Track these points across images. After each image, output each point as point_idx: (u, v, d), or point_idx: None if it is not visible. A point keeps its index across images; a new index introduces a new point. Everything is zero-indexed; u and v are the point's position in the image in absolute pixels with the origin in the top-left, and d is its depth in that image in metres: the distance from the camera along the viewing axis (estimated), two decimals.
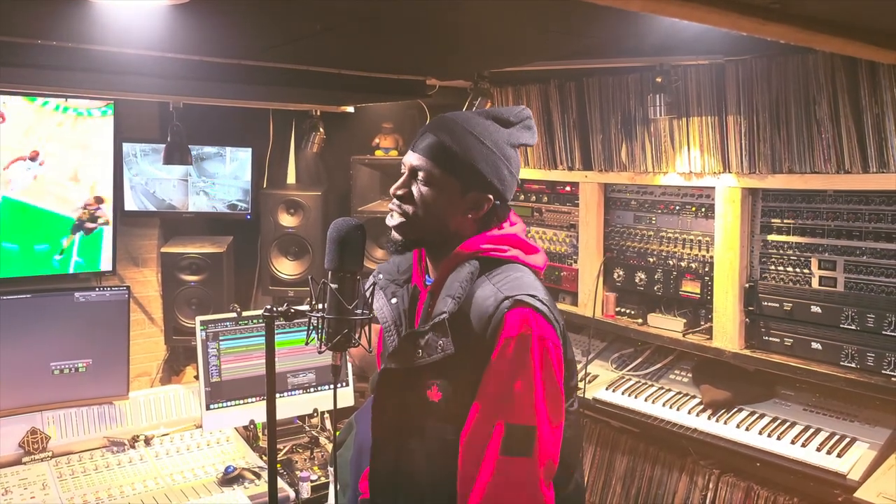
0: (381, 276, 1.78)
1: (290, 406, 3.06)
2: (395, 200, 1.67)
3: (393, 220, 1.67)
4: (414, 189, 1.64)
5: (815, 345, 2.40)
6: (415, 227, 1.65)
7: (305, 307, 1.64)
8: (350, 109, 3.66)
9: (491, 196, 1.64)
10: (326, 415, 3.17)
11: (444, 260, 1.65)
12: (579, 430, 1.76)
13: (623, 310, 3.06)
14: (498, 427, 1.49)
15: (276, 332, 1.71)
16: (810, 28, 1.13)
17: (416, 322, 1.71)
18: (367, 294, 1.63)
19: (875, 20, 1.16)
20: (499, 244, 1.64)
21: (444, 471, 1.57)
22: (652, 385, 2.88)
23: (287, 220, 3.63)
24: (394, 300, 1.73)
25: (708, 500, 2.59)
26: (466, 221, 1.65)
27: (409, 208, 1.64)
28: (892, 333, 2.21)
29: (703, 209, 2.73)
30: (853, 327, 2.31)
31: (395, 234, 1.68)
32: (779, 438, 2.39)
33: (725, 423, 2.54)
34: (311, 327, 1.58)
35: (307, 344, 1.60)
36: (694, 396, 2.73)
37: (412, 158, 1.65)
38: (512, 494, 1.50)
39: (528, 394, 1.50)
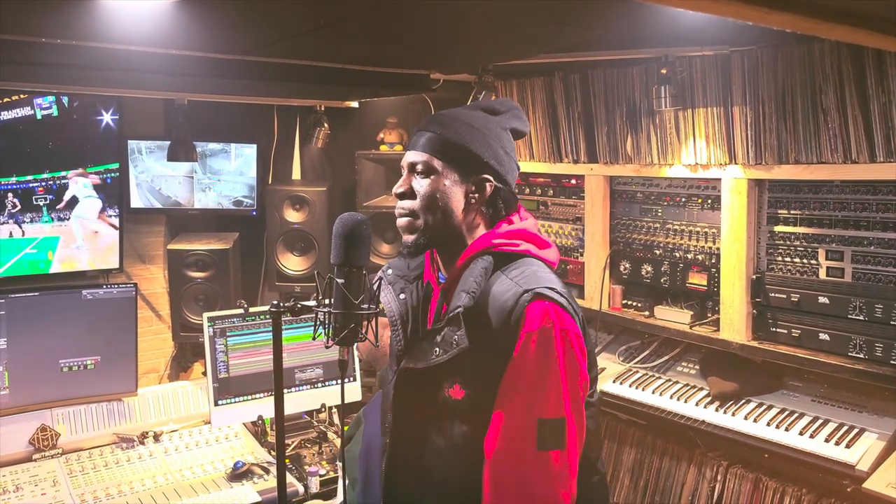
0: (389, 271, 1.77)
1: (297, 401, 3.07)
2: (399, 204, 1.64)
3: (402, 223, 1.65)
4: (415, 184, 1.62)
5: (822, 336, 2.40)
6: (423, 224, 1.62)
7: (312, 302, 1.65)
8: (354, 104, 3.66)
9: (491, 177, 1.62)
10: (334, 410, 3.18)
11: (456, 258, 1.63)
12: (600, 421, 1.75)
13: (630, 302, 3.06)
14: (530, 423, 1.48)
15: (283, 327, 1.71)
16: (816, 16, 1.11)
17: (430, 320, 1.69)
18: (374, 288, 1.63)
19: (881, 7, 1.15)
20: (510, 239, 1.62)
21: (469, 468, 1.55)
22: (659, 377, 2.88)
23: (292, 216, 3.63)
24: (402, 296, 1.72)
25: (716, 492, 2.59)
26: (473, 210, 1.63)
27: (412, 204, 1.61)
28: None
29: (710, 201, 2.72)
30: (861, 318, 2.30)
31: (406, 238, 1.64)
32: (787, 430, 2.38)
33: (733, 414, 2.54)
34: (318, 322, 1.58)
35: (314, 339, 1.60)
36: (701, 388, 2.73)
37: (409, 157, 1.64)
38: (549, 488, 1.48)
39: (556, 387, 1.49)
